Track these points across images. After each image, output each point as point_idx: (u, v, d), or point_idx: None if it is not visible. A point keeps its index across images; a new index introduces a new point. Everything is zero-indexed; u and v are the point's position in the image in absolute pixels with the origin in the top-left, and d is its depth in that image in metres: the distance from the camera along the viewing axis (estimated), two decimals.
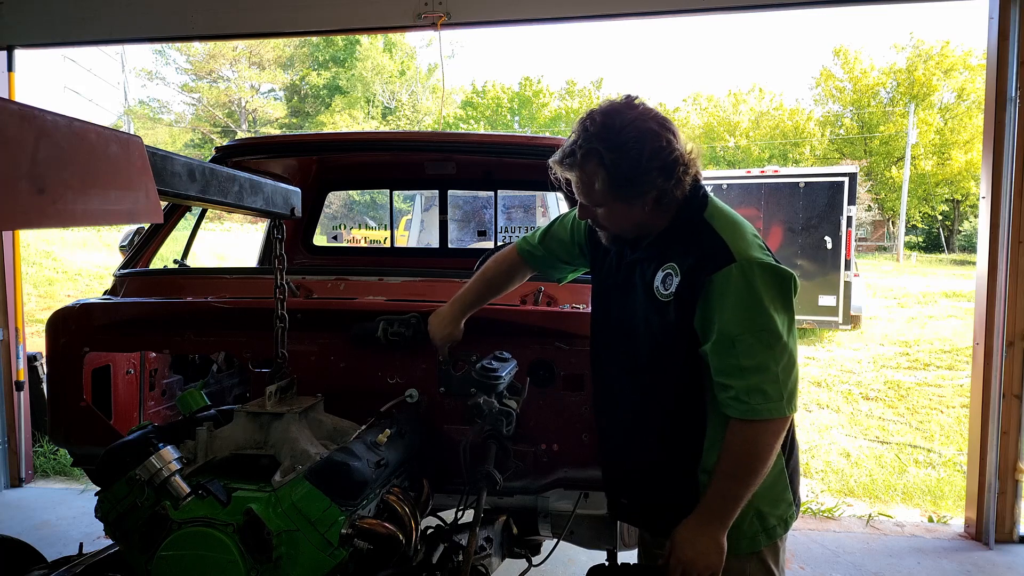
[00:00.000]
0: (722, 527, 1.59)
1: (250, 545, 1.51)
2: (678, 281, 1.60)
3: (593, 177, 1.59)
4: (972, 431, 3.95)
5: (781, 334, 1.54)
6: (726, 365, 1.55)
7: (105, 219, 1.08)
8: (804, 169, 21.60)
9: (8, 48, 4.51)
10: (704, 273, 1.55)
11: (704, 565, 1.59)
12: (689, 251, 1.61)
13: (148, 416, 2.62)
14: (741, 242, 1.59)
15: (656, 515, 1.79)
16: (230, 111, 37.83)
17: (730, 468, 1.57)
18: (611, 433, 1.86)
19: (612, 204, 1.62)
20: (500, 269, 2.07)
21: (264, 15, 4.41)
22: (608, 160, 1.55)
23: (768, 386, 1.52)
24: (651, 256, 1.68)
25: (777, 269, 1.56)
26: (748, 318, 1.53)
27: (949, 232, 37.47)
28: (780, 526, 1.72)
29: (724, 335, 1.53)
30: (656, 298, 1.64)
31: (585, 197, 1.65)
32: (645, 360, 1.70)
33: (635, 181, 1.56)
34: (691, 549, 1.59)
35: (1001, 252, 3.73)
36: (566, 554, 3.17)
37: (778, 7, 4.31)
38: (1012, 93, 3.67)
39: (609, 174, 1.56)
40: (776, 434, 1.56)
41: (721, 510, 1.59)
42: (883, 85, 33.95)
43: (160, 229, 2.88)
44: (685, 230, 1.65)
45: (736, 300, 1.53)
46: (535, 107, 34.61)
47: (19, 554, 1.98)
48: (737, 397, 1.54)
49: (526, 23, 4.26)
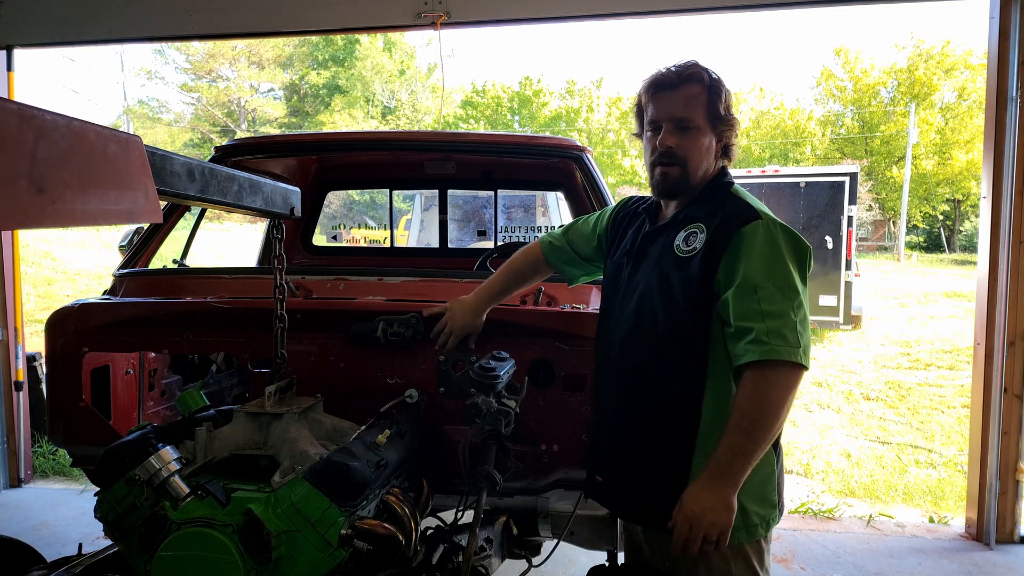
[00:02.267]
0: (731, 484, 1.57)
1: (249, 546, 1.51)
2: (703, 237, 1.68)
3: (697, 97, 1.72)
4: (973, 431, 3.94)
5: (799, 290, 1.61)
6: (748, 309, 1.58)
7: (104, 219, 1.08)
8: (805, 169, 21.59)
9: (7, 48, 4.51)
10: (733, 227, 1.65)
11: (710, 521, 1.56)
12: (715, 212, 1.70)
13: (147, 416, 2.61)
14: (766, 209, 1.72)
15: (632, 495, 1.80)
16: (229, 111, 37.82)
17: (741, 421, 1.57)
18: (608, 405, 1.87)
19: (702, 128, 1.73)
20: (526, 261, 2.16)
21: (264, 14, 4.41)
22: (711, 86, 1.72)
23: (788, 331, 1.56)
24: (675, 224, 1.78)
25: (798, 236, 1.67)
26: (771, 268, 1.60)
27: (950, 232, 37.45)
28: (762, 526, 1.72)
29: (747, 280, 1.60)
30: (676, 256, 1.71)
31: (683, 110, 1.72)
32: (659, 321, 1.72)
33: (723, 118, 1.74)
34: (698, 504, 1.57)
35: (1002, 252, 3.73)
36: (566, 555, 3.16)
37: (778, 6, 4.31)
38: (1013, 93, 3.67)
39: (710, 99, 1.72)
40: (789, 387, 1.57)
41: (730, 466, 1.57)
42: (884, 85, 33.94)
43: (159, 229, 2.88)
44: (713, 198, 1.76)
45: (761, 251, 1.61)
46: (535, 107, 34.58)
47: (18, 554, 1.98)
48: (757, 339, 1.55)
49: (526, 22, 4.26)
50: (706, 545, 1.58)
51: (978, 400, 3.88)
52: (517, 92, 34.74)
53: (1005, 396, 3.76)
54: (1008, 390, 3.77)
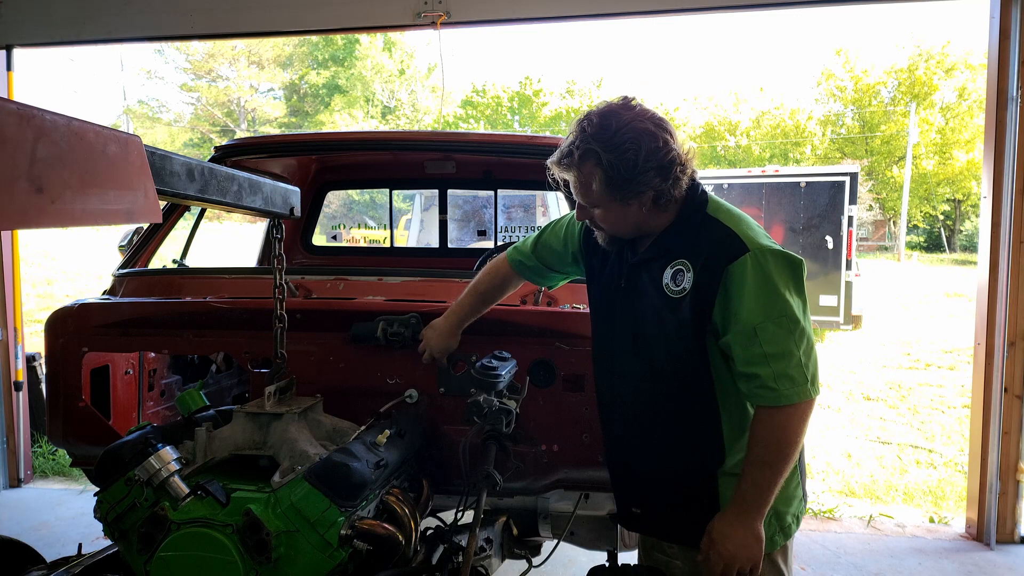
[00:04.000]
0: (759, 516, 1.59)
1: (249, 546, 1.51)
2: (691, 276, 1.61)
3: (590, 178, 1.61)
4: (973, 431, 3.94)
5: (799, 318, 1.57)
6: (751, 355, 1.56)
7: (104, 219, 1.08)
8: (805, 169, 21.59)
9: (7, 48, 4.51)
10: (720, 264, 1.58)
11: (746, 557, 1.58)
12: (699, 246, 1.63)
13: (147, 416, 2.61)
14: (750, 231, 1.62)
15: (672, 522, 1.77)
16: (229, 110, 37.81)
17: (762, 456, 1.57)
18: (624, 441, 1.83)
19: (609, 204, 1.64)
20: (493, 282, 2.08)
21: (263, 14, 4.41)
22: (605, 161, 1.57)
23: (794, 371, 1.54)
24: (657, 255, 1.69)
25: (787, 255, 1.60)
26: (766, 305, 1.55)
27: (950, 232, 37.45)
28: (794, 523, 1.73)
29: (745, 325, 1.56)
30: (667, 295, 1.65)
31: (583, 197, 1.67)
32: (662, 363, 1.69)
33: (632, 181, 1.58)
34: (731, 543, 1.58)
35: (1002, 252, 3.72)
36: (566, 555, 3.16)
37: (778, 6, 4.31)
38: (1013, 93, 3.67)
39: (606, 174, 1.58)
40: (804, 418, 1.57)
41: (756, 500, 1.58)
42: (884, 85, 33.92)
43: (159, 229, 2.88)
44: (690, 227, 1.67)
45: (754, 289, 1.56)
46: (535, 107, 34.58)
47: (18, 555, 1.98)
48: (765, 385, 1.55)
49: (526, 22, 4.26)
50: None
51: (978, 400, 3.88)
52: (517, 92, 34.73)
53: (1005, 396, 3.76)
54: (1008, 390, 3.77)
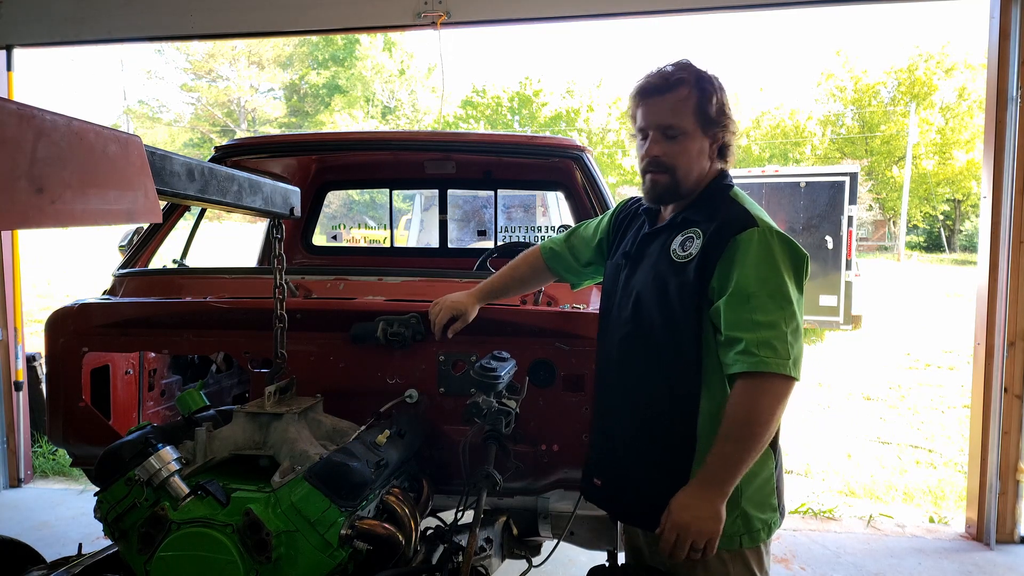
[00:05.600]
0: (720, 494, 1.57)
1: (249, 546, 1.51)
2: (699, 243, 1.66)
3: (685, 102, 1.68)
4: (973, 431, 3.94)
5: (792, 300, 1.59)
6: (739, 318, 1.57)
7: (104, 219, 1.08)
8: (805, 169, 21.60)
9: (7, 48, 4.51)
10: (728, 233, 1.63)
11: (697, 530, 1.56)
12: (713, 217, 1.68)
13: (147, 416, 2.61)
14: (764, 217, 1.69)
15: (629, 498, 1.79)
16: (229, 110, 37.83)
17: (731, 430, 1.56)
18: (608, 410, 1.86)
19: (693, 132, 1.69)
20: (528, 264, 2.16)
21: (263, 14, 4.41)
22: (700, 88, 1.68)
23: (778, 343, 1.55)
24: (672, 226, 1.76)
25: (795, 244, 1.65)
26: (764, 277, 1.59)
27: (950, 232, 37.44)
28: (764, 530, 1.71)
29: (740, 289, 1.58)
30: (672, 260, 1.70)
31: (673, 117, 1.69)
32: (657, 327, 1.71)
33: (718, 117, 1.69)
34: (687, 513, 1.57)
35: (1002, 252, 3.72)
36: (566, 555, 3.16)
37: (778, 6, 4.30)
38: (1013, 93, 3.67)
39: (699, 102, 1.67)
40: (779, 397, 1.55)
41: (720, 474, 1.57)
42: (883, 85, 33.92)
43: (159, 229, 2.88)
44: (711, 202, 1.73)
45: (756, 260, 1.60)
46: (535, 107, 34.58)
47: (18, 554, 1.98)
48: (747, 350, 1.55)
49: (526, 22, 4.25)
50: (693, 552, 1.58)
51: (978, 400, 3.88)
52: (517, 92, 34.73)
53: (1005, 396, 3.76)
54: (1008, 390, 3.77)
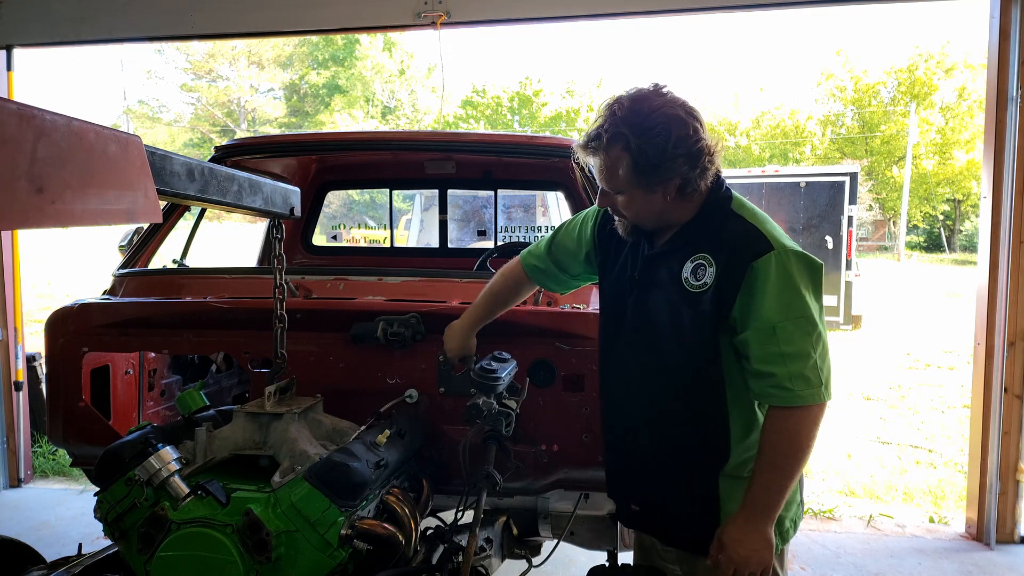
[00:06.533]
0: (769, 521, 1.58)
1: (249, 546, 1.51)
2: (713, 271, 1.59)
3: (617, 162, 1.57)
4: (973, 431, 3.94)
5: (816, 322, 1.56)
6: (767, 353, 1.54)
7: (104, 219, 1.08)
8: (805, 169, 21.61)
9: (7, 48, 4.50)
10: (744, 261, 1.55)
11: (757, 561, 1.57)
12: (723, 241, 1.60)
13: (147, 416, 2.61)
14: (774, 231, 1.61)
15: (671, 522, 1.76)
16: (229, 110, 37.83)
17: (773, 460, 1.56)
18: (629, 436, 1.80)
19: (634, 191, 1.60)
20: (507, 285, 2.05)
21: (263, 14, 4.41)
22: (634, 145, 1.53)
23: (809, 372, 1.53)
24: (677, 248, 1.66)
25: (809, 258, 1.59)
26: (788, 304, 1.54)
27: (950, 232, 37.42)
28: (792, 528, 1.73)
29: (765, 322, 1.54)
30: (686, 290, 1.62)
31: (608, 183, 1.63)
32: (674, 357, 1.66)
33: (659, 168, 1.55)
34: (742, 547, 1.57)
35: (1002, 252, 3.72)
36: (566, 555, 3.15)
37: (778, 6, 4.30)
38: (1013, 93, 3.67)
39: (634, 159, 1.54)
40: (816, 422, 1.56)
41: (767, 503, 1.58)
42: (883, 85, 33.93)
43: (159, 229, 2.87)
44: (713, 221, 1.64)
45: (777, 288, 1.54)
46: (535, 107, 34.58)
47: (18, 554, 1.98)
48: (780, 384, 1.53)
49: (526, 22, 4.25)
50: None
51: (978, 400, 3.88)
52: (517, 92, 34.73)
53: (1005, 396, 3.76)
54: (1008, 390, 3.76)
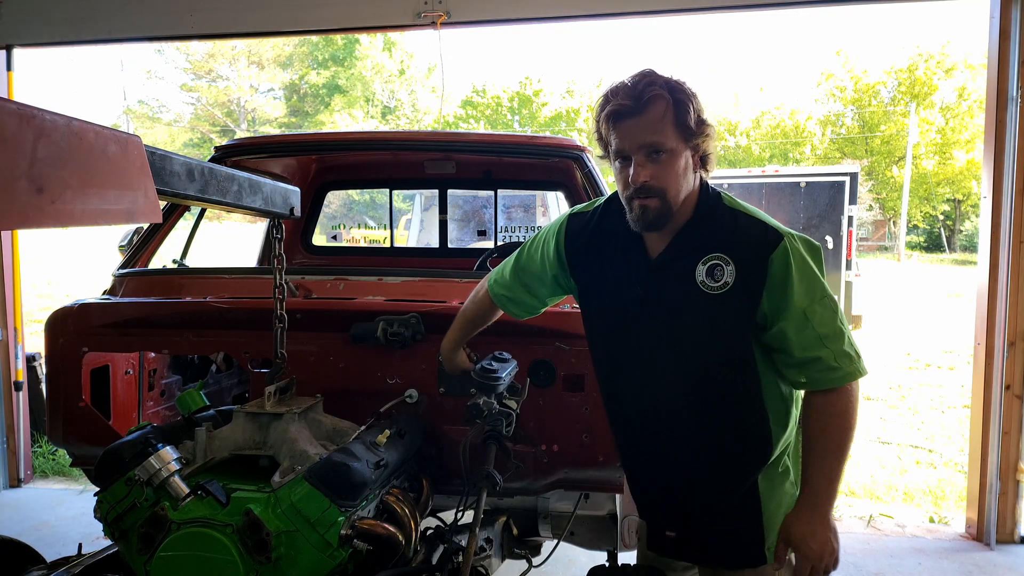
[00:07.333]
0: (831, 509, 1.59)
1: (249, 546, 1.51)
2: (732, 269, 1.56)
3: (660, 121, 1.54)
4: (973, 431, 3.94)
5: (832, 295, 1.59)
6: (806, 339, 1.54)
7: (104, 219, 1.08)
8: (805, 169, 21.60)
9: (7, 48, 4.51)
10: (764, 255, 1.55)
11: (830, 552, 1.58)
12: (733, 238, 1.59)
13: (147, 416, 2.61)
14: (771, 219, 1.63)
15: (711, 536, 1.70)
16: (229, 110, 37.84)
17: (827, 445, 1.57)
18: (661, 459, 1.73)
19: (677, 144, 1.55)
20: (478, 311, 2.00)
21: (263, 14, 4.41)
22: (675, 100, 1.54)
23: (848, 348, 1.55)
24: (683, 253, 1.62)
25: (807, 238, 1.63)
26: (810, 288, 1.56)
27: (950, 232, 37.43)
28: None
29: (796, 309, 1.54)
30: (705, 292, 1.58)
31: (652, 134, 1.54)
32: (708, 365, 1.61)
33: (698, 126, 1.56)
34: (815, 542, 1.57)
35: (1002, 252, 3.72)
36: (566, 555, 3.16)
37: (778, 6, 4.30)
38: (1013, 93, 3.67)
39: (677, 116, 1.55)
40: (858, 398, 1.58)
41: (828, 492, 1.58)
42: (883, 85, 33.94)
43: (159, 229, 2.87)
44: (714, 220, 1.63)
45: (798, 274, 1.55)
46: (535, 107, 34.60)
47: (18, 554, 1.98)
48: (828, 366, 1.54)
49: (526, 22, 4.25)
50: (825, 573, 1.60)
51: (978, 400, 3.88)
52: (517, 92, 34.74)
53: (1005, 396, 3.76)
54: (1009, 390, 3.77)
